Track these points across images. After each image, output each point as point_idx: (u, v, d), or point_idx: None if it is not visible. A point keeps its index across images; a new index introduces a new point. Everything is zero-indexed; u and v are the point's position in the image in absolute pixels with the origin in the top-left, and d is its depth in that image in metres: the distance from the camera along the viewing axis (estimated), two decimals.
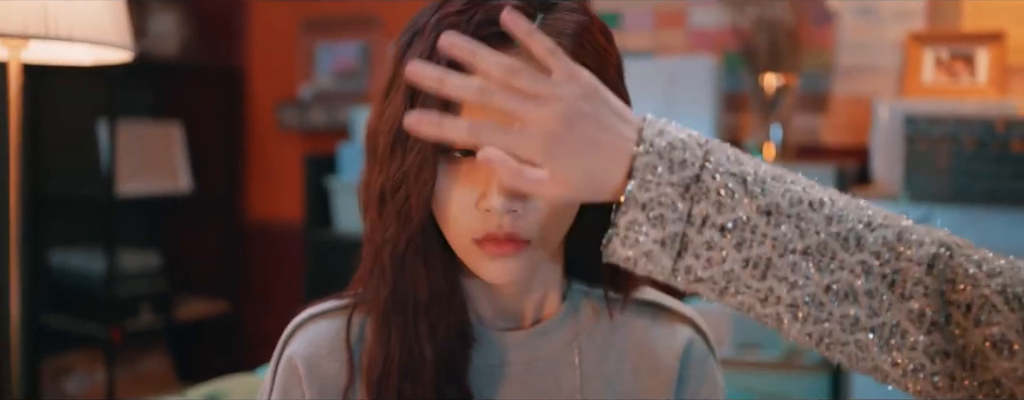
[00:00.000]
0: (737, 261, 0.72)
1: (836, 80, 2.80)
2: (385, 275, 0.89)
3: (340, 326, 0.96)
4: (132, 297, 3.44)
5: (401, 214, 0.86)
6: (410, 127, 0.73)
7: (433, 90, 0.73)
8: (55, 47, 1.66)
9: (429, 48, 0.83)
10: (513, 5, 0.82)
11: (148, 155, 3.62)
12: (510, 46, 0.81)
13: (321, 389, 0.94)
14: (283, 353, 0.97)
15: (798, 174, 0.76)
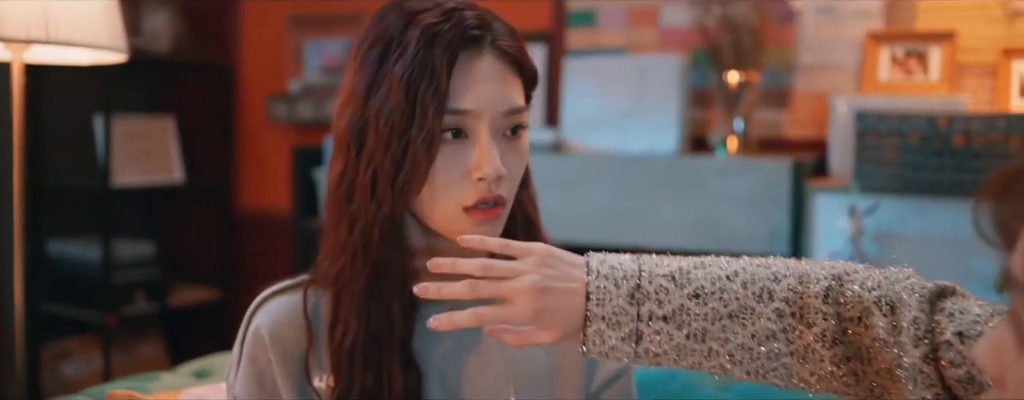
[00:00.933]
0: (681, 337, 0.91)
1: (798, 77, 2.91)
2: (370, 253, 1.01)
3: (297, 301, 1.09)
4: (128, 285, 3.51)
5: (396, 194, 0.99)
6: (420, 293, 0.92)
7: (434, 296, 0.93)
8: (55, 49, 1.76)
9: (420, 61, 0.96)
10: (470, 31, 0.98)
11: (143, 148, 3.70)
12: (480, 49, 0.99)
13: (283, 354, 1.07)
14: (249, 326, 1.09)
15: (712, 256, 0.96)
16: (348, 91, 1.02)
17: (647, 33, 3.10)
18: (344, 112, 1.02)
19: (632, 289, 0.91)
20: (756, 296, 0.92)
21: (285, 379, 1.06)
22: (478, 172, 0.99)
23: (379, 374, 1.03)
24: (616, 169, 2.68)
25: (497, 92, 1.01)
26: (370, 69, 1.00)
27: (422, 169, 0.98)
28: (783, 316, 0.91)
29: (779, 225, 2.47)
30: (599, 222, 2.69)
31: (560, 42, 3.22)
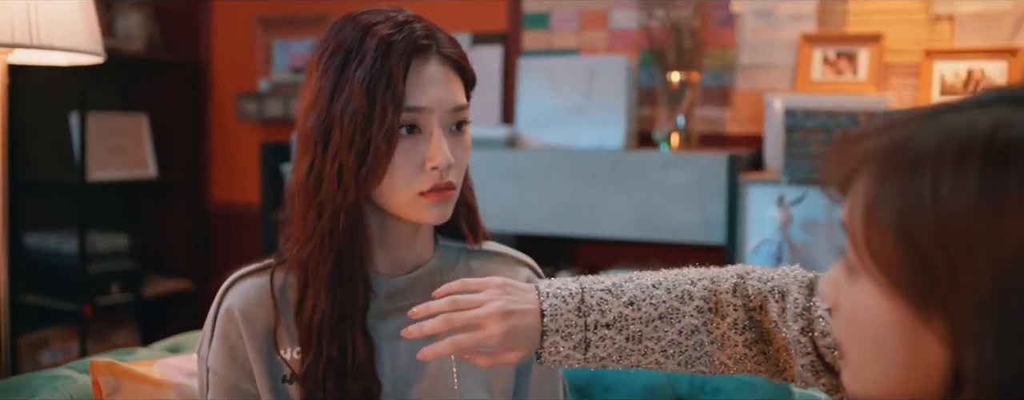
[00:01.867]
0: (621, 340, 1.06)
1: (738, 76, 3.07)
2: (337, 237, 1.15)
3: (264, 283, 1.22)
4: (103, 276, 3.61)
5: (359, 179, 1.12)
6: (406, 335, 1.06)
7: (417, 335, 1.05)
8: (36, 52, 1.89)
9: (377, 68, 1.11)
10: (419, 39, 1.13)
11: (117, 144, 3.80)
12: (429, 56, 1.15)
13: (253, 330, 1.20)
14: (221, 306, 1.23)
15: (637, 272, 1.13)
16: (313, 94, 1.15)
17: (598, 35, 3.25)
18: (310, 113, 1.15)
19: (578, 303, 1.05)
20: (679, 298, 1.08)
21: (255, 352, 1.19)
22: (431, 162, 1.13)
23: (343, 344, 1.17)
24: (567, 163, 2.83)
25: (444, 92, 1.16)
26: (333, 75, 1.14)
27: (383, 161, 1.12)
28: (702, 311, 1.08)
29: (716, 215, 2.62)
30: (551, 213, 2.83)
31: (516, 43, 3.36)
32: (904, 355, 0.69)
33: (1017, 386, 0.63)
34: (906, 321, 0.68)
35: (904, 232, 0.67)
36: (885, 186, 0.69)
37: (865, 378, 0.74)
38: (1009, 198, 0.63)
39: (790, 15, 2.99)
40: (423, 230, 1.26)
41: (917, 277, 0.67)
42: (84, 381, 1.47)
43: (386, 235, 1.22)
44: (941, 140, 0.67)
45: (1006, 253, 0.63)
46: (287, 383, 1.20)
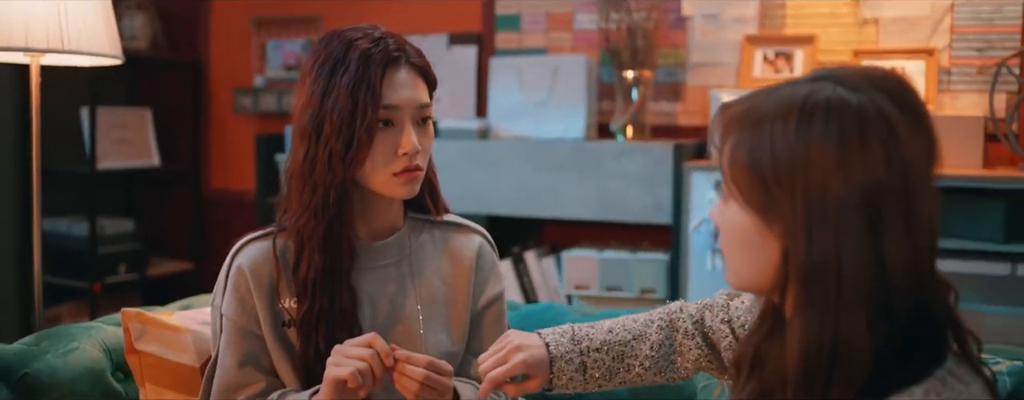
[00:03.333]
0: (609, 360, 1.35)
1: (688, 73, 3.35)
2: (328, 209, 1.43)
3: (267, 246, 1.50)
4: (111, 257, 3.87)
5: (345, 163, 1.40)
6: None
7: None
8: (65, 56, 2.16)
9: (359, 75, 1.39)
10: (391, 52, 1.42)
11: (123, 136, 4.06)
12: (400, 65, 1.43)
13: (259, 284, 1.48)
14: (232, 265, 1.50)
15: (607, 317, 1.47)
16: (307, 95, 1.43)
17: (563, 36, 3.53)
18: (305, 111, 1.43)
19: (571, 336, 1.35)
20: (644, 323, 1.39)
21: (260, 302, 1.47)
22: (403, 149, 1.42)
23: (332, 296, 1.45)
24: (533, 152, 3.11)
25: (412, 93, 1.45)
26: (324, 80, 1.42)
27: (365, 148, 1.40)
28: (663, 329, 1.38)
29: (663, 198, 2.91)
30: (518, 196, 3.12)
31: (490, 42, 3.64)
32: (757, 251, 1.00)
33: (817, 264, 0.94)
34: (758, 227, 0.99)
35: (753, 168, 0.98)
36: (741, 137, 0.99)
37: (738, 273, 1.05)
38: (814, 141, 0.94)
39: (734, 18, 3.27)
40: (395, 203, 1.54)
41: (762, 197, 0.98)
42: (113, 331, 1.76)
43: (366, 208, 1.50)
44: (775, 105, 0.98)
45: (813, 176, 0.94)
46: (286, 327, 1.48)
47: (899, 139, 0.93)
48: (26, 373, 1.57)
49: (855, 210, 0.92)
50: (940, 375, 0.94)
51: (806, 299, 0.94)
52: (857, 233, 0.92)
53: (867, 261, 0.92)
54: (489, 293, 1.62)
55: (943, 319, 0.98)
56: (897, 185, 0.93)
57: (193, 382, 1.63)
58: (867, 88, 0.96)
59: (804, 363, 0.94)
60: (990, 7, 2.95)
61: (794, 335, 0.96)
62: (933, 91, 2.96)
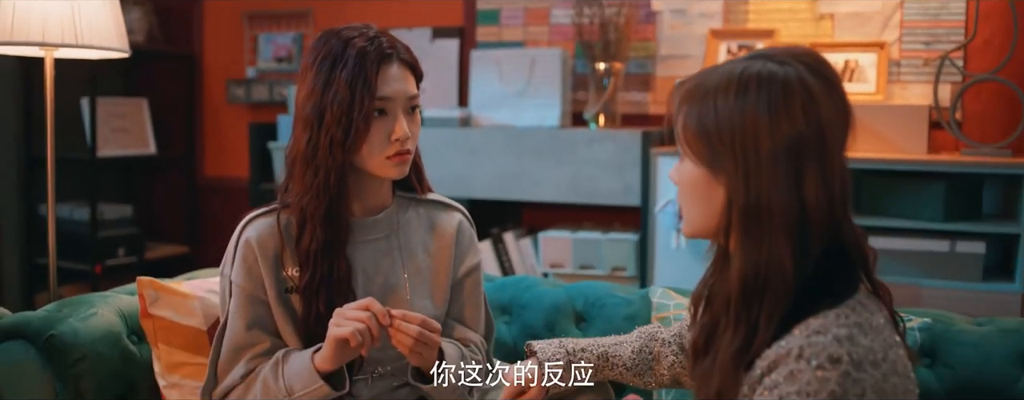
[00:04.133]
0: (594, 358, 1.54)
1: (658, 65, 3.53)
2: (328, 189, 1.59)
3: (272, 221, 1.67)
4: (110, 240, 4.03)
5: (344, 148, 1.56)
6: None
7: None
8: (77, 50, 2.32)
9: (356, 70, 1.55)
10: (385, 50, 1.58)
11: (122, 125, 4.21)
12: (392, 60, 1.59)
13: (264, 254, 1.64)
14: (240, 237, 1.67)
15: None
16: (309, 88, 1.59)
17: (540, 30, 3.70)
18: (307, 102, 1.60)
19: (559, 343, 1.57)
20: (625, 335, 1.61)
21: (266, 270, 1.64)
22: (395, 135, 1.59)
23: (330, 266, 1.62)
24: (511, 139, 3.29)
25: (403, 86, 1.61)
26: (324, 74, 1.59)
27: (362, 135, 1.57)
28: (642, 337, 1.59)
29: (632, 181, 3.09)
30: (497, 180, 3.29)
31: (471, 36, 3.81)
32: (707, 199, 1.20)
33: (753, 205, 1.14)
34: (706, 179, 1.19)
35: (701, 131, 1.18)
36: (691, 108, 1.20)
37: (692, 221, 1.25)
38: (749, 107, 1.14)
39: (701, 13, 3.45)
40: (385, 183, 1.71)
41: (709, 153, 1.17)
42: (127, 299, 1.92)
43: (360, 187, 1.67)
44: (718, 80, 1.18)
45: (748, 135, 1.13)
46: (289, 293, 1.64)
47: (816, 102, 1.13)
48: (52, 335, 1.74)
49: (782, 160, 1.12)
50: (851, 303, 1.14)
51: (744, 235, 1.15)
52: (783, 179, 1.12)
53: (791, 202, 1.13)
54: (467, 264, 1.79)
55: (856, 259, 1.19)
56: (815, 140, 1.13)
57: (200, 342, 1.80)
58: (791, 62, 1.16)
59: (742, 286, 1.15)
60: (937, 3, 3.13)
61: (736, 265, 1.16)
62: (883, 82, 3.14)
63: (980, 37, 3.04)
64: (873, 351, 1.09)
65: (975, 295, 2.67)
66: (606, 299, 2.02)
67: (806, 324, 1.11)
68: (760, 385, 1.11)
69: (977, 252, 2.74)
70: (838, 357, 1.06)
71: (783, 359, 1.09)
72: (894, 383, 1.10)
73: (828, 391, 1.05)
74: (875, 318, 1.14)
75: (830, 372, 1.06)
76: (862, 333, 1.10)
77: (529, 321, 2.05)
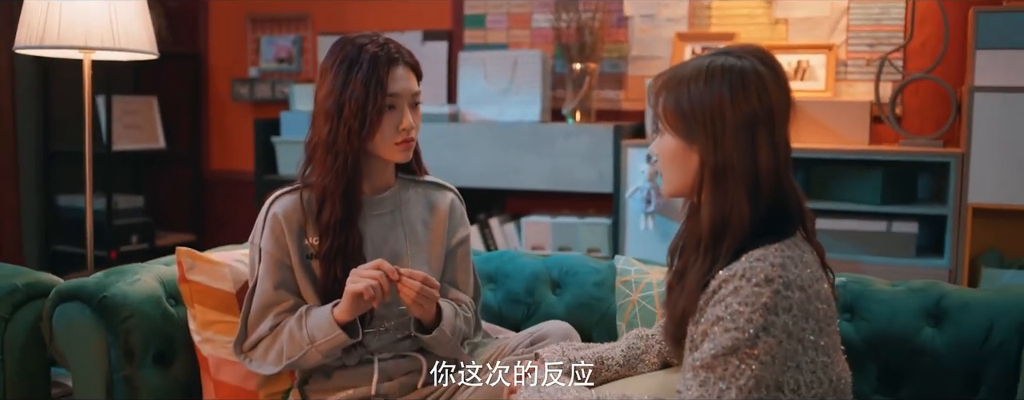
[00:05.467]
0: (592, 362, 1.70)
1: (630, 65, 3.82)
2: (346, 171, 1.85)
3: (295, 198, 1.94)
4: (124, 228, 4.29)
5: (360, 136, 1.83)
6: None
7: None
8: (111, 53, 2.58)
9: (370, 72, 1.82)
10: (393, 55, 1.86)
11: (133, 121, 4.47)
12: (399, 63, 1.87)
13: (289, 226, 1.91)
14: (269, 211, 1.93)
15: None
16: (328, 87, 1.86)
17: (522, 33, 3.99)
18: (327, 98, 1.86)
19: (561, 352, 1.75)
20: (618, 340, 1.83)
21: (291, 239, 1.90)
22: (402, 126, 1.87)
23: (345, 236, 1.89)
24: (496, 133, 3.58)
25: (408, 84, 1.89)
26: (342, 75, 1.85)
27: (375, 126, 1.84)
28: (627, 338, 1.81)
29: (605, 171, 3.38)
30: (483, 171, 3.58)
31: (459, 38, 4.09)
32: (683, 164, 1.49)
33: (720, 166, 1.43)
34: (683, 148, 1.48)
35: (678, 111, 1.47)
36: (669, 93, 1.49)
37: (671, 183, 1.54)
38: (715, 91, 1.44)
39: (668, 18, 3.75)
40: (391, 166, 1.98)
41: (685, 128, 1.46)
42: (164, 269, 2.20)
43: (370, 170, 1.95)
44: (690, 71, 1.48)
45: (715, 112, 1.43)
46: (310, 259, 1.91)
47: (767, 87, 1.45)
48: (104, 297, 2.01)
49: (741, 131, 1.43)
50: (788, 242, 1.45)
51: (713, 189, 1.46)
52: (743, 146, 1.43)
53: (749, 163, 1.44)
54: (459, 236, 2.07)
55: (794, 210, 1.50)
56: (766, 116, 1.44)
57: (230, 303, 2.07)
58: (747, 56, 1.47)
59: (711, 227, 1.46)
60: (878, 9, 3.44)
61: (705, 212, 1.47)
62: (831, 80, 3.45)
63: (917, 40, 3.35)
64: (801, 278, 1.40)
65: (909, 270, 2.98)
66: (578, 268, 2.31)
67: (751, 254, 1.42)
68: (713, 299, 1.42)
69: (911, 231, 3.04)
70: (772, 278, 1.37)
71: (731, 279, 1.40)
72: (817, 306, 1.42)
73: (761, 303, 1.36)
74: (806, 256, 1.45)
75: (764, 289, 1.37)
76: (793, 264, 1.41)
77: (512, 288, 2.33)
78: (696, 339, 1.44)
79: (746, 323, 1.36)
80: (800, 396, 1.41)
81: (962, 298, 1.95)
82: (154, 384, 2.04)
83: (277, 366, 1.88)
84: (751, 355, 1.36)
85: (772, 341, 1.36)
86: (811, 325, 1.41)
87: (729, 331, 1.37)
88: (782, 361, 1.38)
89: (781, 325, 1.37)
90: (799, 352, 1.40)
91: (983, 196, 2.96)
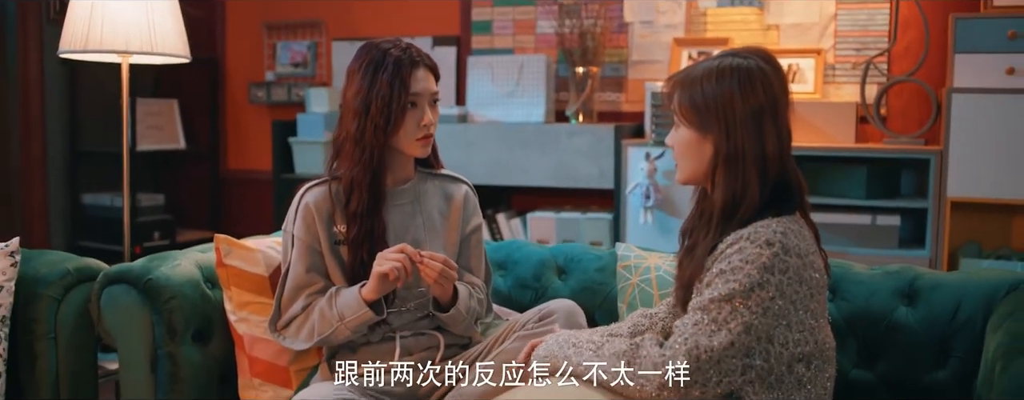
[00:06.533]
0: (591, 354, 1.68)
1: (630, 69, 3.99)
2: (371, 163, 2.01)
3: (325, 188, 2.09)
4: (147, 225, 4.46)
5: (385, 132, 1.99)
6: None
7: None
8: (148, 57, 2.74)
9: (394, 73, 1.98)
10: (414, 58, 2.02)
11: (155, 122, 4.65)
12: (420, 66, 2.03)
13: (319, 214, 2.07)
14: (301, 201, 2.09)
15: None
16: (356, 87, 2.01)
17: (527, 38, 4.16)
18: (355, 98, 2.01)
19: (563, 336, 1.78)
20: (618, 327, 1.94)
21: (321, 226, 2.05)
22: (423, 122, 2.03)
23: (371, 224, 2.04)
24: (502, 133, 3.75)
25: (428, 84, 2.05)
26: (369, 76, 2.01)
27: (399, 122, 2.00)
28: (632, 317, 1.95)
29: (606, 168, 3.55)
30: (490, 169, 3.75)
31: (467, 44, 4.26)
32: (698, 153, 1.68)
33: (732, 152, 1.61)
34: (697, 138, 1.67)
35: (693, 105, 1.65)
36: (684, 90, 1.67)
37: (685, 171, 1.72)
38: (725, 87, 1.62)
39: (666, 24, 3.92)
40: (411, 160, 2.14)
41: (699, 120, 1.64)
42: (200, 256, 2.36)
43: (393, 163, 2.11)
44: (701, 71, 1.66)
45: (726, 105, 1.61)
46: (338, 245, 2.07)
47: (770, 82, 1.63)
48: (149, 279, 2.17)
49: (750, 121, 1.61)
50: (788, 218, 1.63)
51: (726, 173, 1.64)
52: (751, 134, 1.61)
53: (757, 150, 1.62)
54: (472, 224, 2.23)
55: (795, 190, 1.68)
56: (770, 107, 1.62)
57: (263, 286, 2.24)
58: (751, 56, 1.67)
59: (723, 206, 1.64)
60: (865, 16, 3.61)
61: (718, 193, 1.65)
62: (820, 82, 3.62)
63: (900, 45, 3.53)
64: (799, 247, 1.58)
65: (892, 260, 3.10)
66: (582, 255, 2.48)
67: (756, 223, 1.60)
68: (719, 257, 1.60)
69: (894, 224, 3.22)
70: (772, 242, 1.55)
71: (737, 241, 1.58)
72: (810, 274, 1.60)
73: (761, 262, 1.54)
74: (804, 231, 1.64)
75: (765, 250, 1.55)
76: (793, 235, 1.59)
77: (520, 274, 2.49)
78: (700, 291, 1.62)
79: (745, 277, 1.54)
80: (788, 351, 1.59)
81: (933, 279, 2.12)
82: (193, 359, 2.20)
83: (308, 342, 2.04)
84: (744, 304, 1.53)
85: (765, 296, 1.53)
86: (804, 289, 1.59)
87: (728, 282, 1.55)
88: (773, 316, 1.55)
89: (776, 283, 1.54)
90: (790, 311, 1.58)
91: (961, 190, 3.13)
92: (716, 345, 1.52)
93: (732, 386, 1.56)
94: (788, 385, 1.61)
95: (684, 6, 3.87)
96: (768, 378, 1.59)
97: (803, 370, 1.63)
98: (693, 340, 1.53)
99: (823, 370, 1.68)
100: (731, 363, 1.53)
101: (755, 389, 1.58)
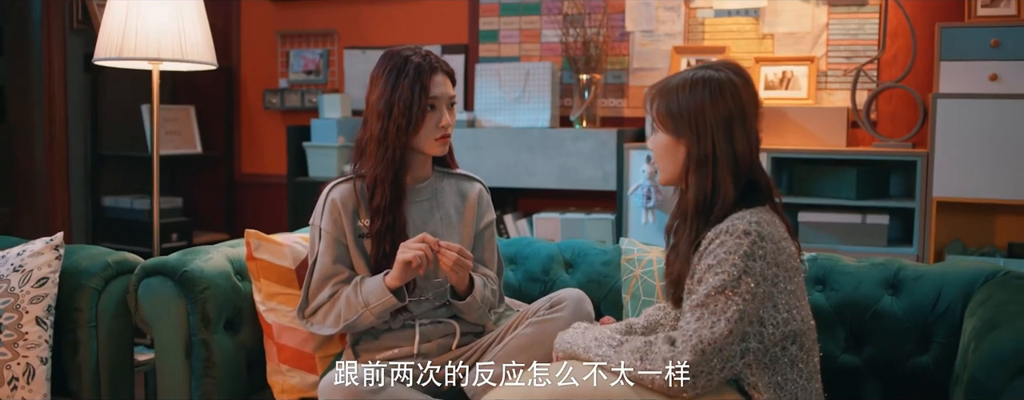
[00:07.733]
0: (610, 349, 1.78)
1: (631, 76, 4.14)
2: (394, 162, 2.15)
3: (350, 186, 2.24)
4: (165, 227, 4.52)
5: (406, 133, 2.14)
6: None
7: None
8: (177, 64, 2.88)
9: (415, 78, 2.13)
10: (433, 64, 2.17)
11: (173, 128, 4.79)
12: (439, 71, 2.19)
13: (345, 209, 2.21)
14: (328, 197, 2.23)
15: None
16: (379, 91, 2.15)
17: (533, 46, 4.31)
18: (379, 101, 2.16)
19: (584, 328, 1.92)
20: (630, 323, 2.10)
21: (346, 221, 2.19)
22: (442, 123, 2.18)
23: (393, 218, 2.18)
24: (509, 137, 3.89)
25: (446, 88, 2.20)
26: (392, 81, 2.16)
27: (419, 123, 2.15)
28: (645, 314, 2.09)
29: (609, 171, 3.70)
30: (499, 172, 3.89)
31: (475, 52, 4.41)
32: (673, 155, 1.83)
33: (703, 155, 1.76)
34: (672, 142, 1.82)
35: (668, 113, 1.80)
36: (662, 99, 1.82)
37: (665, 171, 1.86)
38: (698, 96, 1.79)
39: (666, 33, 4.07)
40: (429, 160, 2.29)
41: (674, 126, 1.79)
42: (230, 250, 2.50)
43: (413, 162, 2.25)
44: (677, 81, 1.81)
45: (698, 113, 1.76)
46: (363, 238, 2.21)
47: (739, 93, 1.79)
48: (185, 271, 2.31)
49: (720, 128, 1.77)
50: (759, 210, 1.78)
51: (696, 174, 1.78)
52: (722, 139, 1.77)
53: (728, 152, 1.77)
54: (485, 220, 2.37)
55: (764, 188, 1.82)
56: (739, 114, 1.78)
57: (290, 278, 2.38)
58: (723, 69, 1.82)
59: (695, 204, 1.79)
60: (855, 25, 3.76)
61: (690, 193, 1.80)
62: (813, 89, 3.77)
63: (889, 52, 3.68)
64: (772, 234, 1.73)
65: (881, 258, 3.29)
66: (588, 250, 2.62)
67: (731, 216, 1.75)
68: (704, 254, 1.74)
69: (883, 223, 3.36)
70: (749, 231, 1.70)
71: (717, 235, 1.73)
72: (784, 259, 1.75)
73: (742, 251, 1.68)
74: (775, 220, 1.79)
75: (743, 239, 1.69)
76: (765, 223, 1.74)
77: (530, 268, 2.64)
78: (693, 288, 1.76)
79: (731, 268, 1.68)
80: (778, 330, 1.73)
81: (916, 270, 2.27)
82: (225, 346, 2.34)
83: (335, 328, 2.18)
84: (736, 292, 1.67)
85: (751, 282, 1.68)
86: (782, 272, 1.73)
87: (718, 275, 1.69)
88: (760, 299, 1.69)
89: (758, 269, 1.69)
90: (774, 293, 1.72)
91: (946, 191, 3.28)
92: (717, 335, 1.66)
93: (734, 371, 1.70)
94: (782, 365, 1.76)
95: (683, 16, 4.02)
96: (763, 358, 1.73)
97: (796, 350, 1.77)
98: (697, 335, 1.67)
99: (813, 351, 1.83)
100: (731, 349, 1.67)
101: (752, 371, 1.73)
